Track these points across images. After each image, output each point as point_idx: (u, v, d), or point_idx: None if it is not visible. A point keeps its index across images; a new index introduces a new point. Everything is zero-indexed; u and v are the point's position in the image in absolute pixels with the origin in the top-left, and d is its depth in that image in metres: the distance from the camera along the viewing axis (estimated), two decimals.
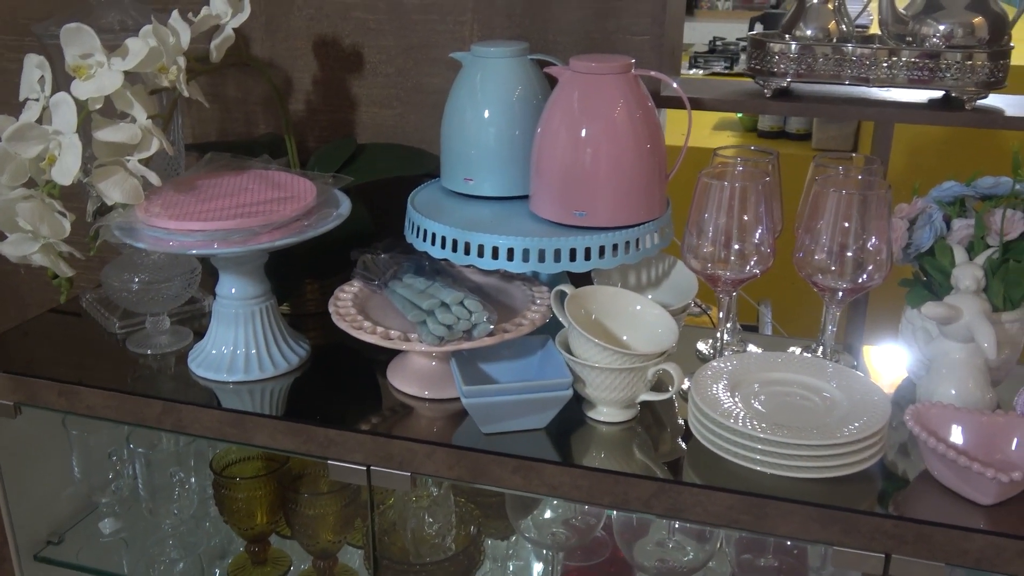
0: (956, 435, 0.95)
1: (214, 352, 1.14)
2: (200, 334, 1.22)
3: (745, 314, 1.82)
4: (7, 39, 1.61)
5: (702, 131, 2.65)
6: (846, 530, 0.91)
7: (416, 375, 1.11)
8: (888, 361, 1.20)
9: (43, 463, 1.30)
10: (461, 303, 1.02)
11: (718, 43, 4.07)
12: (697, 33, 4.28)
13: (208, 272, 1.25)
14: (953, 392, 1.01)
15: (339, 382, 1.17)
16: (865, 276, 1.04)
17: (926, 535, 0.89)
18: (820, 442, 0.91)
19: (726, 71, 3.46)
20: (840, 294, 1.06)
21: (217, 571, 1.39)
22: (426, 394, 1.09)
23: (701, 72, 3.42)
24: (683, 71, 3.42)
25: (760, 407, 0.99)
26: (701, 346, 1.21)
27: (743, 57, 1.34)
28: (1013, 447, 0.94)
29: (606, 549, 1.35)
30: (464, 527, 1.22)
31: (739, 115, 2.61)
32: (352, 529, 1.24)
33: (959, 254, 1.07)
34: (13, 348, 1.25)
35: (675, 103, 1.28)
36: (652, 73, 1.13)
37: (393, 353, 1.15)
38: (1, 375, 1.17)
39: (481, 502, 1.27)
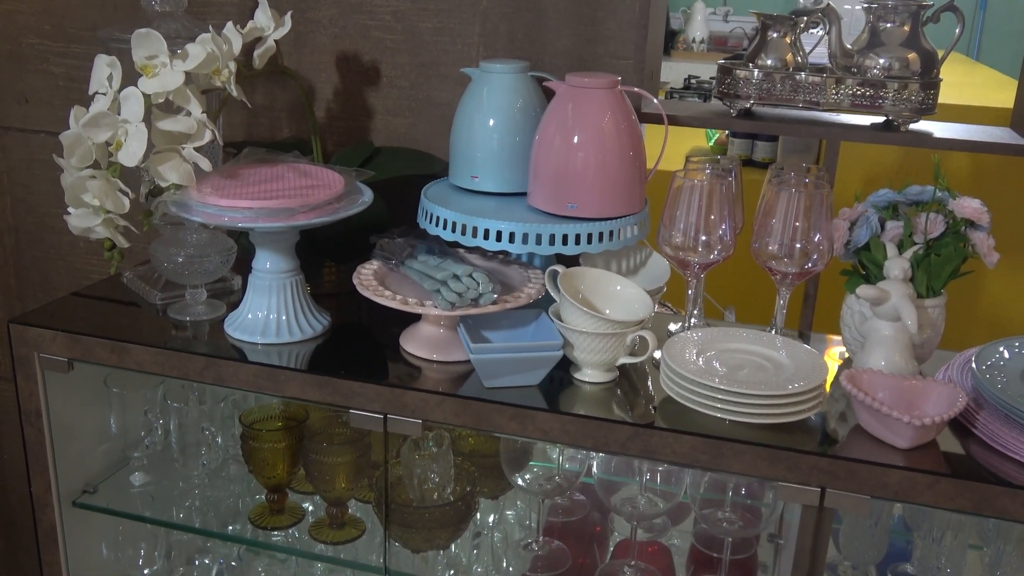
0: (882, 394, 1.14)
1: (250, 317, 1.31)
2: (231, 308, 1.38)
3: (713, 316, 2.02)
4: (54, 45, 1.78)
5: (676, 159, 2.86)
6: (789, 467, 1.09)
7: (426, 341, 1.28)
8: (830, 343, 1.40)
9: (83, 420, 1.45)
10: (470, 275, 1.20)
11: (692, 81, 4.32)
12: (673, 72, 4.52)
13: (237, 254, 1.43)
14: (883, 363, 1.20)
15: (357, 347, 1.34)
16: (810, 264, 1.23)
17: (854, 471, 1.07)
18: (770, 392, 1.10)
19: None
20: (789, 278, 1.25)
21: (230, 528, 1.54)
22: (435, 357, 1.27)
23: None
24: None
25: (720, 367, 1.17)
26: (672, 327, 1.39)
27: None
28: (928, 404, 1.13)
29: (584, 509, 1.52)
30: (461, 482, 1.39)
31: (710, 144, 2.83)
32: (363, 479, 1.40)
33: (891, 250, 1.26)
34: (64, 314, 1.40)
35: (654, 118, 1.48)
36: (635, 89, 1.33)
37: (404, 326, 1.32)
38: (59, 334, 1.32)
39: (476, 462, 1.44)
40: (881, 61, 1.41)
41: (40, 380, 1.36)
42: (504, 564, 1.46)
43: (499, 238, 1.27)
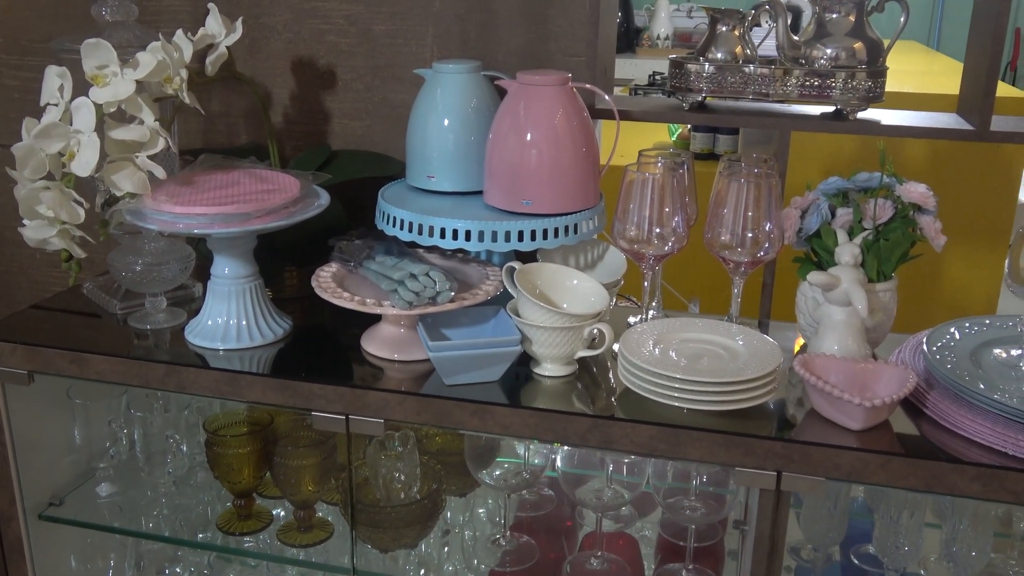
0: (835, 378, 1.16)
1: (209, 323, 1.31)
2: (192, 315, 1.38)
3: (678, 308, 2.04)
4: (9, 59, 1.77)
5: (635, 155, 2.88)
6: (745, 453, 1.10)
7: (386, 341, 1.29)
8: (787, 330, 1.42)
9: (47, 432, 1.45)
10: (427, 274, 1.21)
11: (657, 77, 4.34)
12: (638, 69, 4.54)
13: (197, 261, 1.43)
14: (836, 347, 1.22)
15: (319, 350, 1.34)
16: (762, 252, 1.25)
17: (808, 454, 1.09)
18: (724, 380, 1.11)
19: None
20: (742, 267, 1.27)
21: (200, 535, 1.54)
22: (396, 356, 1.27)
23: None
24: None
25: (677, 357, 1.19)
26: (631, 319, 1.41)
27: None
28: (880, 386, 1.15)
29: (551, 504, 1.54)
30: (428, 481, 1.39)
31: (673, 139, 2.85)
32: (329, 482, 1.41)
33: (841, 236, 1.28)
34: (24, 326, 1.40)
35: (609, 114, 1.49)
36: (587, 86, 1.34)
37: (365, 327, 1.33)
38: (18, 346, 1.32)
39: (443, 460, 1.44)
40: (828, 51, 1.43)
41: (0, 393, 1.35)
42: (475, 562, 1.47)
43: (455, 236, 1.28)
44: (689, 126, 2.80)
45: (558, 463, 1.39)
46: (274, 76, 1.65)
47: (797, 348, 1.38)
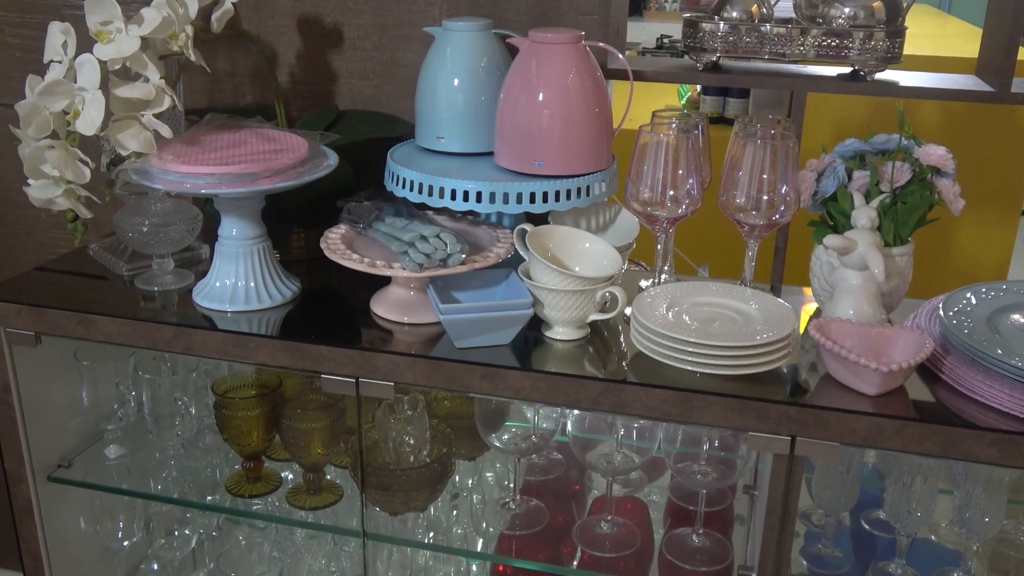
0: (850, 342, 1.15)
1: (217, 285, 1.30)
2: (199, 277, 1.37)
3: (687, 273, 2.03)
4: (9, 16, 1.74)
5: (646, 117, 2.85)
6: (759, 417, 1.09)
7: (396, 303, 1.28)
8: (799, 295, 1.40)
9: (55, 394, 1.44)
10: (438, 236, 1.20)
11: (665, 40, 4.29)
12: (646, 32, 4.49)
13: (205, 222, 1.41)
14: (851, 312, 1.21)
15: (328, 313, 1.33)
16: (777, 215, 1.23)
17: (823, 419, 1.08)
18: (739, 343, 1.10)
19: None
20: (757, 230, 1.25)
21: (209, 498, 1.53)
22: (405, 319, 1.26)
23: None
24: None
25: (690, 320, 1.17)
26: (643, 283, 1.39)
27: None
28: (896, 351, 1.14)
29: (561, 468, 1.53)
30: (437, 444, 1.39)
31: (682, 102, 2.82)
32: (338, 445, 1.40)
33: (857, 199, 1.26)
34: (31, 288, 1.38)
35: (621, 75, 1.46)
36: (600, 44, 1.31)
37: (374, 290, 1.32)
38: (23, 307, 1.31)
39: (452, 424, 1.44)
40: (846, 10, 1.40)
41: (8, 354, 1.35)
42: (484, 525, 1.46)
43: (466, 198, 1.26)
44: (699, 89, 2.76)
45: (568, 427, 1.38)
46: (280, 34, 1.62)
47: (809, 313, 1.36)
